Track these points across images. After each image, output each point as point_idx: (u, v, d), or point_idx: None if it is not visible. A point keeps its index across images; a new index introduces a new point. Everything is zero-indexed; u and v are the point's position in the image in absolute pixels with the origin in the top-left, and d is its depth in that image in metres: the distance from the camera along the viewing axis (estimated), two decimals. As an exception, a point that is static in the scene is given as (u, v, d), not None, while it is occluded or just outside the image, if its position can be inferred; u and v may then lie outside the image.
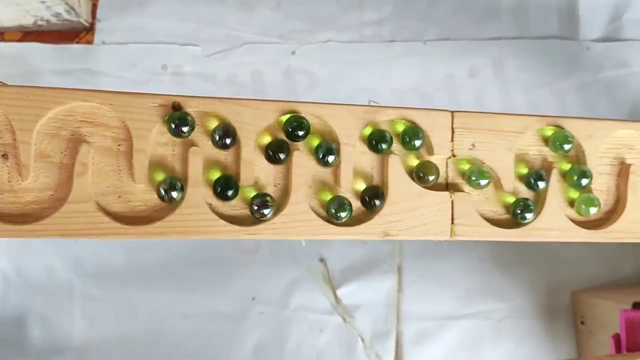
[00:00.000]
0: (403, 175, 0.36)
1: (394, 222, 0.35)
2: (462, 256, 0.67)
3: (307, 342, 0.66)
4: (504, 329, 0.67)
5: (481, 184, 0.36)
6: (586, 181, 0.37)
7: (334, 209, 0.34)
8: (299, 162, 0.35)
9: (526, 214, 0.37)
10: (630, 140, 0.40)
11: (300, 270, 0.67)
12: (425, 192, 0.36)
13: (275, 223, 0.34)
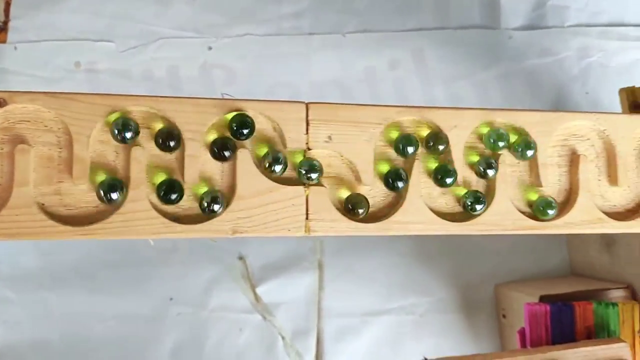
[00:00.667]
0: (252, 170, 0.34)
1: (243, 219, 0.34)
2: (384, 251, 0.66)
3: (227, 342, 0.65)
4: (426, 323, 0.66)
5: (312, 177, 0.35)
6: (450, 180, 0.36)
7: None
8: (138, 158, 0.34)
9: (389, 208, 0.36)
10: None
11: (219, 269, 0.65)
12: (277, 187, 0.35)
13: (112, 222, 0.33)
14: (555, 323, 0.50)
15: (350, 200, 0.35)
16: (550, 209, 0.38)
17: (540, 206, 0.38)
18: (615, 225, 0.40)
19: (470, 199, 0.37)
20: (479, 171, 0.37)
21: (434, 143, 0.37)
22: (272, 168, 0.34)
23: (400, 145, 0.36)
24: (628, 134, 0.40)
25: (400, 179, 0.36)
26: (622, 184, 0.40)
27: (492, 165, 0.37)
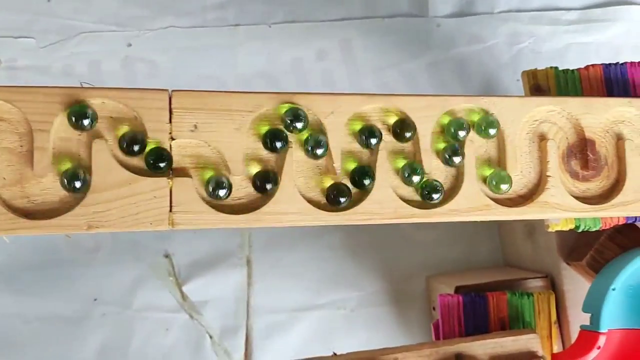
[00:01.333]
0: (110, 161, 0.33)
1: (99, 213, 0.33)
2: (313, 245, 0.65)
3: (153, 342, 0.63)
4: (357, 318, 0.64)
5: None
6: (321, 151, 0.35)
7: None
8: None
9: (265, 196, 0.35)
10: (380, 115, 0.38)
11: (144, 267, 0.64)
12: (136, 178, 0.33)
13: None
14: (468, 314, 0.49)
15: (213, 185, 0.33)
16: (435, 192, 0.36)
17: (426, 190, 0.37)
18: (504, 212, 0.38)
19: (345, 187, 0.35)
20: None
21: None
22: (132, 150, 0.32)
23: (269, 138, 0.35)
24: (519, 118, 0.39)
25: (269, 182, 0.34)
26: (513, 169, 0.39)
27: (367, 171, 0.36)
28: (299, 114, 0.35)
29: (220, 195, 0.33)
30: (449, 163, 0.38)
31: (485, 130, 0.38)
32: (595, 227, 0.43)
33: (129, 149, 0.33)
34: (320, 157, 0.36)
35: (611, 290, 0.43)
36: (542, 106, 0.40)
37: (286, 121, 0.36)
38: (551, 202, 0.39)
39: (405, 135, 0.36)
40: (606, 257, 0.46)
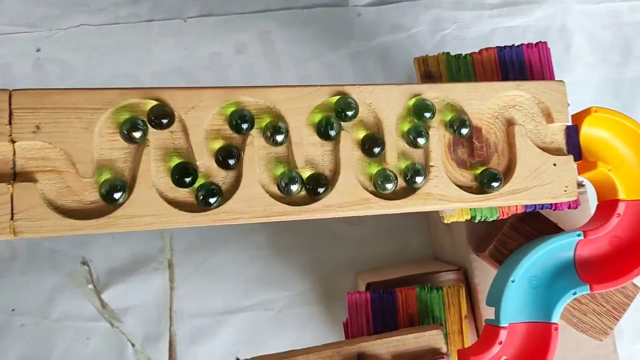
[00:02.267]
0: (-59, 168, 0.31)
1: None
2: (239, 246, 0.63)
3: (74, 352, 0.61)
4: (286, 318, 0.63)
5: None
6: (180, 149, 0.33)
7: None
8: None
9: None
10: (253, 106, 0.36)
11: (61, 276, 0.62)
12: (-28, 186, 0.31)
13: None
14: (376, 312, 0.47)
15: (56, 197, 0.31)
16: (293, 183, 0.34)
17: (284, 182, 0.35)
18: (385, 205, 0.36)
19: (207, 188, 0.33)
20: (220, 160, 0.34)
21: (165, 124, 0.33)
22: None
23: (126, 129, 0.33)
24: (398, 105, 0.37)
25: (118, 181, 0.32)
26: (392, 159, 0.37)
27: (233, 154, 0.34)
28: (164, 110, 0.34)
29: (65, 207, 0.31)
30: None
31: (351, 118, 0.36)
32: (492, 217, 0.42)
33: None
34: (182, 154, 0.34)
35: (510, 282, 0.41)
36: (425, 93, 0.38)
37: (150, 118, 0.34)
38: (434, 193, 0.37)
39: (277, 139, 0.34)
40: (510, 247, 0.44)
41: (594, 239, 0.41)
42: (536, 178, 0.39)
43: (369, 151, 0.36)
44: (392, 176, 0.37)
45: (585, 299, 0.44)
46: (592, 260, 0.42)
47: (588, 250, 0.42)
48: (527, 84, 0.39)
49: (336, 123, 0.36)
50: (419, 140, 0.37)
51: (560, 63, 0.65)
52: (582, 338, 0.48)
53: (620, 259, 0.41)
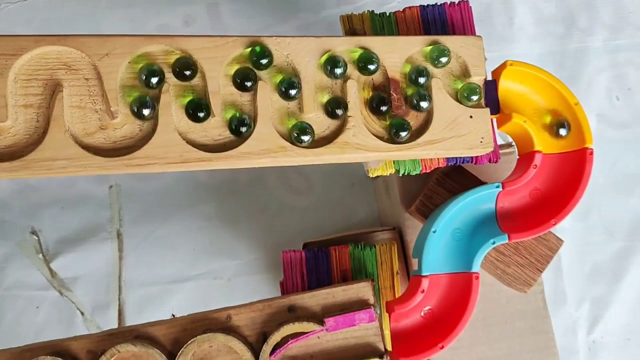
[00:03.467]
0: None
1: None
2: (187, 215, 0.64)
3: (24, 321, 0.62)
4: (234, 286, 0.63)
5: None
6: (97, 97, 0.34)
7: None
8: None
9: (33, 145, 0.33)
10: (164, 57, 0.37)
11: (11, 245, 0.62)
12: None
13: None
14: (310, 269, 0.48)
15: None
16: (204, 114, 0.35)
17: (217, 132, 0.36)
18: (302, 153, 0.37)
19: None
20: (136, 110, 0.35)
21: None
22: None
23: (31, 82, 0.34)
24: (315, 59, 0.38)
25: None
26: (310, 110, 0.38)
27: (147, 105, 0.35)
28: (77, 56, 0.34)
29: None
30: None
31: (266, 66, 0.37)
32: (415, 170, 0.43)
33: None
34: (98, 105, 0.35)
35: (432, 232, 0.42)
36: (341, 47, 0.39)
37: (63, 65, 0.35)
38: (352, 142, 0.38)
39: (185, 74, 0.35)
40: (435, 202, 0.45)
41: (514, 190, 0.42)
42: (453, 129, 0.40)
43: (285, 94, 0.37)
44: (309, 128, 0.38)
45: (509, 251, 0.46)
46: (513, 212, 0.43)
47: (509, 203, 0.43)
48: (444, 39, 0.40)
49: (252, 74, 0.37)
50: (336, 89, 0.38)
51: (504, 35, 0.67)
52: (512, 293, 0.50)
53: (539, 210, 0.43)
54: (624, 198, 0.66)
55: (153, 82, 0.35)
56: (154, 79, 0.35)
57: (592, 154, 0.42)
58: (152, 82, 0.35)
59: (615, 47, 0.68)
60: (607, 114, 0.68)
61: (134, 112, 0.35)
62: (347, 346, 0.43)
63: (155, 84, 0.35)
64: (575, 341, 0.65)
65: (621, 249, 0.66)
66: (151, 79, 0.35)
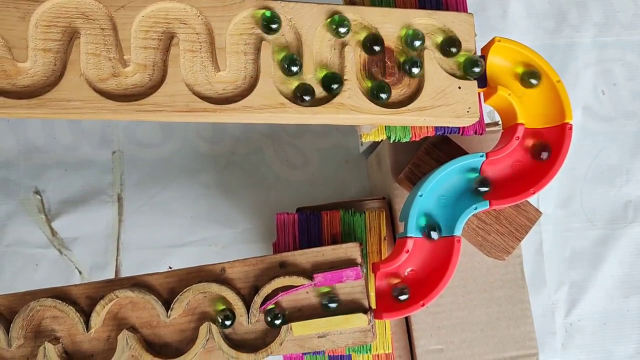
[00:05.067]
0: None
1: None
2: (186, 183, 0.66)
3: (23, 277, 0.64)
4: (229, 254, 0.66)
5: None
6: (112, 48, 0.36)
7: None
8: None
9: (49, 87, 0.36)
10: (180, 14, 0.39)
11: (14, 203, 0.65)
12: None
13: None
14: (302, 231, 0.51)
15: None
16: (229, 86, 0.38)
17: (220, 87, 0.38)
18: (299, 111, 0.40)
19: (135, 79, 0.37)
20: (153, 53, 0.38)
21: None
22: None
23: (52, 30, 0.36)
24: (316, 24, 0.41)
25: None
26: (309, 71, 0.41)
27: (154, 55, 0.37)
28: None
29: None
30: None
31: (275, 31, 0.40)
32: (405, 137, 0.45)
33: None
34: (111, 54, 0.37)
35: (418, 196, 0.45)
36: (340, 14, 0.42)
37: (81, 14, 0.37)
38: (347, 104, 0.41)
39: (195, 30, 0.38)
40: (423, 171, 0.48)
41: (497, 159, 0.45)
42: (442, 98, 0.43)
43: (287, 70, 0.40)
44: (310, 89, 0.40)
45: (490, 220, 0.48)
46: (495, 181, 0.46)
47: (492, 173, 0.46)
48: (438, 14, 0.43)
49: (256, 36, 0.39)
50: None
51: (497, 27, 0.70)
52: (492, 263, 0.52)
53: (519, 180, 0.45)
54: (605, 188, 0.69)
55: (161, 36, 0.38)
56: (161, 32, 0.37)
57: (572, 129, 0.45)
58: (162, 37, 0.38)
59: (602, 44, 0.71)
60: (593, 107, 0.71)
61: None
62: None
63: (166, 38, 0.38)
64: (552, 323, 0.68)
65: (600, 237, 0.69)
66: (160, 32, 0.38)
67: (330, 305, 0.44)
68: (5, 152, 0.65)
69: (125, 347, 0.43)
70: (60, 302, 0.44)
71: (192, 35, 0.39)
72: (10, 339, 0.43)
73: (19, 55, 0.35)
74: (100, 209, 0.65)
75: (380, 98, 0.41)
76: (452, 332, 0.51)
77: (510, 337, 0.51)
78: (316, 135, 0.68)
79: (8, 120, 0.65)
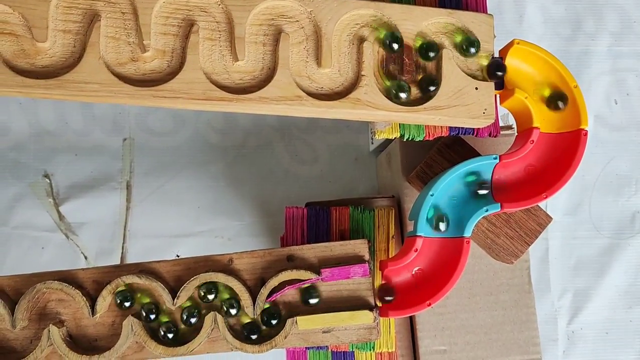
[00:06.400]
0: None
1: None
2: (195, 174, 0.66)
3: (28, 260, 0.64)
4: (234, 246, 0.66)
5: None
6: (132, 33, 0.36)
7: None
8: None
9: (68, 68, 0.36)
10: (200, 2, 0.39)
11: (23, 186, 0.65)
12: None
13: None
14: (311, 225, 0.51)
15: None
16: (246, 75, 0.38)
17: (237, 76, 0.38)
18: (316, 104, 0.40)
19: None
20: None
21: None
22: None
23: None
24: (336, 18, 0.41)
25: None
26: (327, 64, 0.41)
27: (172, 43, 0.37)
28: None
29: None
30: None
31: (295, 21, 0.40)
32: (419, 136, 0.45)
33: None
34: (131, 38, 0.37)
35: (429, 195, 0.45)
36: (362, 9, 0.41)
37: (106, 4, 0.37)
38: (363, 99, 0.41)
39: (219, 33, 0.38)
40: (435, 171, 0.48)
41: (510, 162, 0.45)
42: (458, 98, 0.43)
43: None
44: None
45: (500, 223, 0.48)
46: (507, 184, 0.46)
47: (504, 175, 0.46)
48: (457, 13, 0.43)
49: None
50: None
51: (512, 31, 0.70)
52: (499, 267, 0.52)
53: (532, 184, 0.45)
54: (613, 197, 0.69)
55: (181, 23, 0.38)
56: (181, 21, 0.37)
57: (587, 135, 0.44)
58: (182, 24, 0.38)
59: (617, 53, 0.71)
60: (605, 116, 0.70)
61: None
62: (340, 297, 0.45)
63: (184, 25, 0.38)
64: (555, 330, 0.67)
65: (607, 246, 0.68)
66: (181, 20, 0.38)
67: (311, 301, 0.44)
68: (17, 135, 0.65)
69: (130, 333, 0.43)
70: (66, 285, 0.44)
71: (212, 23, 0.39)
72: (15, 320, 0.43)
73: (39, 35, 0.35)
74: (108, 196, 0.65)
75: (400, 98, 0.40)
76: (456, 333, 0.51)
77: (514, 342, 0.51)
78: (327, 132, 0.68)
79: (20, 103, 0.65)
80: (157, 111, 0.67)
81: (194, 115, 0.67)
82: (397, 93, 0.40)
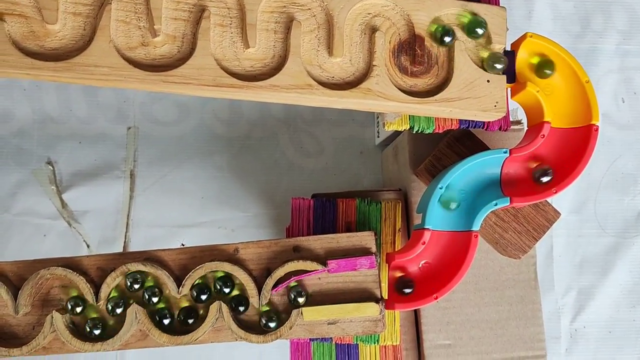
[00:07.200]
0: None
1: None
2: (199, 164, 0.66)
3: (29, 247, 0.63)
4: (238, 237, 0.65)
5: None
6: (142, 16, 0.36)
7: None
8: None
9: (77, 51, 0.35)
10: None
11: (26, 173, 0.64)
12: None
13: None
14: (317, 217, 0.50)
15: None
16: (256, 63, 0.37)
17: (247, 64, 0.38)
18: (326, 94, 0.40)
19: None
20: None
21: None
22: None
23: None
24: (348, 7, 0.41)
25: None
26: (338, 53, 0.40)
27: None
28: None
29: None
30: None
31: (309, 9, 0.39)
32: (429, 128, 0.45)
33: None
34: (142, 23, 0.37)
35: (438, 188, 0.44)
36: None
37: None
38: (374, 90, 0.40)
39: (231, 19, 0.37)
40: (444, 164, 0.48)
41: (520, 157, 0.44)
42: (470, 90, 0.42)
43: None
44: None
45: (508, 218, 0.48)
46: (517, 178, 0.45)
47: (514, 169, 0.46)
48: (471, 5, 0.43)
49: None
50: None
51: (521, 27, 0.69)
52: (505, 262, 0.52)
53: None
54: (619, 196, 0.69)
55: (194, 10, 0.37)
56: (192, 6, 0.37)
57: (598, 130, 0.44)
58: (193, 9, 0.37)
59: (625, 52, 0.71)
60: (612, 114, 0.70)
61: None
62: (345, 289, 0.45)
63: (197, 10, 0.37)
64: (558, 328, 0.67)
65: (611, 244, 0.68)
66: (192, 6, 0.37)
67: (299, 299, 0.44)
68: (20, 121, 0.64)
69: (133, 320, 0.42)
70: (71, 271, 0.44)
71: (223, 9, 0.38)
72: (18, 305, 0.43)
73: (49, 17, 0.35)
74: (112, 184, 0.64)
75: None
76: (461, 328, 0.51)
77: (519, 337, 0.51)
78: (332, 124, 0.68)
79: (24, 89, 0.65)
80: (162, 100, 0.66)
81: (199, 105, 0.67)
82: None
